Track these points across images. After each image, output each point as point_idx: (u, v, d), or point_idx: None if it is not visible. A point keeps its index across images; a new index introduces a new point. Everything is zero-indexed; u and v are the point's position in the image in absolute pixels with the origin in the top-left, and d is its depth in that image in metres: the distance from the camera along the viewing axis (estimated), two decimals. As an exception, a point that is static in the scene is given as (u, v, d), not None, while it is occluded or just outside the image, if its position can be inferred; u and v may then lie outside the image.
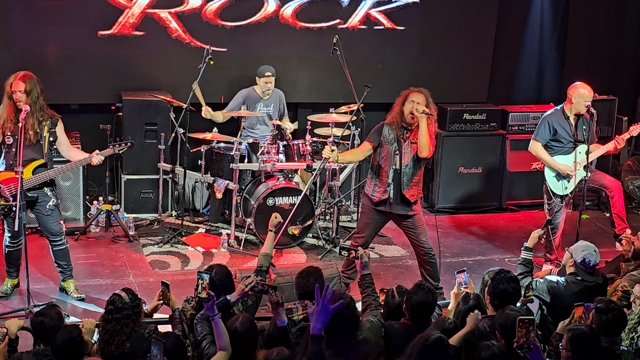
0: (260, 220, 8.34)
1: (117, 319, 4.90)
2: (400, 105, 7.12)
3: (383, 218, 7.27)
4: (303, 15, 9.77)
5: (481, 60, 10.65)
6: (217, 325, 4.71)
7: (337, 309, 4.43)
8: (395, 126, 7.08)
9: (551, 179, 8.05)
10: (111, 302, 4.95)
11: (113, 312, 4.91)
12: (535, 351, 4.43)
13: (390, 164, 7.02)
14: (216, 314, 4.73)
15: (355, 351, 4.56)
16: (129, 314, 4.92)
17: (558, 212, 8.03)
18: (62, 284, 7.29)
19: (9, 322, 5.13)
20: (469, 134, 9.89)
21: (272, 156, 8.50)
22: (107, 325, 4.91)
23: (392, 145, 7.05)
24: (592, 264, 5.87)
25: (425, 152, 6.94)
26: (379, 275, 7.85)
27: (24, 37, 8.93)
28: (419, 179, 7.16)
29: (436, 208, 9.89)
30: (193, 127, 8.85)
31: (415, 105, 6.99)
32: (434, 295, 5.13)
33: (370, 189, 7.17)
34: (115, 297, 4.97)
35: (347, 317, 4.59)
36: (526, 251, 6.20)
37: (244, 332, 4.65)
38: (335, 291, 4.81)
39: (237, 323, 4.68)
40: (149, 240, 8.55)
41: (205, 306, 4.77)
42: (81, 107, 9.48)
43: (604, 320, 4.92)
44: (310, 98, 9.98)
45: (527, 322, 4.41)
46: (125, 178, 9.13)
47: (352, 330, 4.61)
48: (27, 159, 6.79)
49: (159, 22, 9.35)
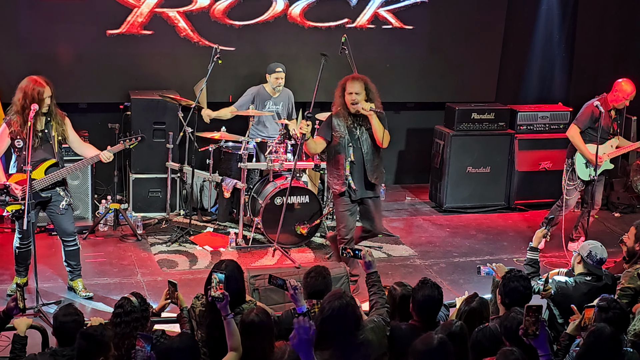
0: (268, 220, 8.34)
1: (127, 322, 4.88)
2: (340, 97, 7.17)
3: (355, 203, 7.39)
4: (311, 15, 9.77)
5: (489, 59, 10.64)
6: (229, 325, 4.68)
7: (336, 308, 4.43)
8: (343, 117, 7.16)
9: (580, 165, 8.42)
10: (120, 306, 4.94)
11: (122, 315, 4.90)
12: (541, 337, 4.43)
13: (346, 156, 7.14)
14: (229, 313, 4.71)
15: (355, 352, 4.54)
16: (138, 318, 4.91)
17: (573, 194, 8.50)
18: (70, 283, 7.31)
19: (18, 320, 5.12)
20: (477, 133, 9.87)
21: (280, 155, 8.50)
22: (117, 328, 4.89)
23: (344, 137, 7.13)
24: (598, 256, 5.89)
25: (386, 144, 7.15)
26: (387, 274, 7.85)
27: (32, 37, 8.96)
28: (380, 161, 7.31)
29: (444, 207, 9.89)
30: (201, 126, 8.86)
31: (355, 97, 7.06)
32: (439, 290, 5.12)
33: (331, 181, 7.30)
34: (125, 300, 4.96)
35: (347, 317, 4.56)
36: (532, 251, 6.17)
37: (260, 322, 4.62)
38: (335, 291, 4.82)
39: (253, 314, 4.65)
40: (157, 239, 8.56)
41: (219, 305, 4.74)
42: (90, 106, 9.50)
43: (604, 318, 4.89)
44: (319, 97, 9.94)
45: (534, 309, 4.42)
46: (134, 177, 9.14)
47: (352, 331, 4.58)
48: (38, 160, 6.80)
49: (167, 22, 9.36)
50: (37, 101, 6.66)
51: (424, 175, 10.57)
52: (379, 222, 7.50)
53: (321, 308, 4.60)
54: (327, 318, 4.51)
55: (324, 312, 4.54)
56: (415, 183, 10.90)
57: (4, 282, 7.38)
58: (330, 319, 4.49)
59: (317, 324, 4.47)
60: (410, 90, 10.55)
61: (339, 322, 4.52)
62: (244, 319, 4.67)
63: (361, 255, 5.34)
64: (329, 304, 4.55)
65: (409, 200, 10.39)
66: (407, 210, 10.03)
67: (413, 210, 10.02)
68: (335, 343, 4.51)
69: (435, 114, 10.40)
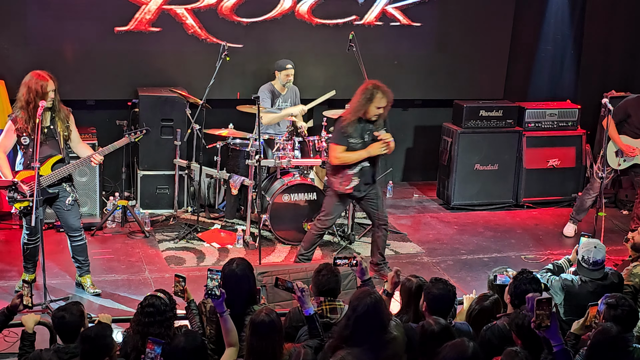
0: (275, 217, 8.35)
1: (160, 322, 4.67)
2: (365, 102, 7.17)
3: (349, 200, 7.65)
4: (319, 12, 9.77)
5: (498, 56, 10.62)
6: (226, 321, 4.70)
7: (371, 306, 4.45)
8: (357, 123, 7.23)
9: (611, 153, 8.76)
10: (151, 305, 4.69)
11: (155, 314, 4.67)
12: (553, 328, 4.42)
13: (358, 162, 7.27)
14: (225, 310, 4.71)
15: (385, 349, 4.54)
16: (171, 316, 4.76)
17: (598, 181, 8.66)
18: (78, 279, 7.32)
19: (26, 317, 5.13)
20: (485, 130, 9.85)
21: (287, 152, 8.50)
22: (148, 329, 4.65)
23: (357, 143, 7.23)
24: (591, 260, 5.80)
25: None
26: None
27: (40, 33, 8.97)
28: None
29: (452, 205, 9.88)
30: (209, 123, 8.87)
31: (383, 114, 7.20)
32: (452, 288, 5.12)
33: (334, 180, 7.39)
34: (155, 299, 4.73)
35: (379, 314, 4.55)
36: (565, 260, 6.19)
37: (271, 322, 4.57)
38: (364, 289, 4.80)
39: (263, 314, 4.61)
40: (164, 236, 8.57)
41: (215, 303, 4.74)
42: (97, 103, 9.51)
43: (613, 315, 4.86)
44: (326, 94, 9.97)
45: (544, 301, 4.40)
46: (141, 174, 9.15)
47: (381, 329, 4.56)
48: (45, 156, 6.80)
49: (175, 19, 9.36)
50: (40, 96, 6.65)
51: (431, 172, 10.56)
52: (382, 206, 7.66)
53: (353, 307, 4.57)
54: (360, 316, 4.49)
55: (357, 310, 4.52)
56: (422, 180, 10.89)
57: (12, 278, 7.40)
58: (364, 317, 4.48)
59: (350, 323, 4.49)
60: (418, 87, 10.54)
61: (371, 320, 4.51)
62: (253, 319, 4.62)
63: (357, 263, 5.35)
64: (361, 301, 4.53)
65: (417, 197, 10.38)
66: (414, 207, 10.02)
67: (421, 208, 10.01)
68: (367, 340, 4.50)
69: (443, 111, 10.39)
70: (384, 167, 9.28)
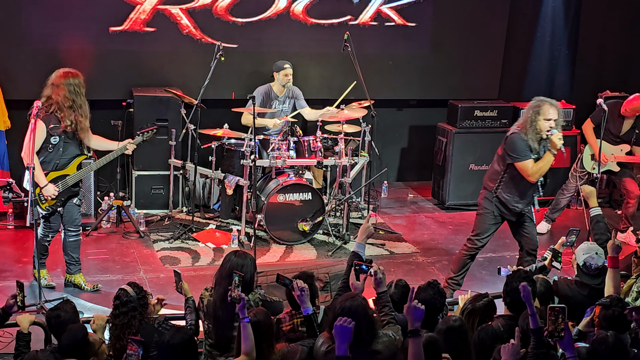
0: (270, 217, 8.36)
1: (124, 312, 4.98)
2: (534, 116, 6.91)
3: (502, 220, 7.20)
4: (314, 12, 9.77)
5: (492, 56, 10.64)
6: (245, 328, 4.59)
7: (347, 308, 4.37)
8: (532, 136, 6.94)
9: (587, 155, 8.94)
10: (117, 297, 5.04)
11: (120, 306, 5.00)
12: (567, 338, 4.36)
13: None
14: (246, 316, 4.61)
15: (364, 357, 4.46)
16: (135, 307, 5.00)
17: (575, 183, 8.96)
18: (69, 278, 7.30)
19: (21, 317, 5.14)
20: (479, 130, 9.87)
21: (282, 152, 8.50)
22: (116, 320, 5.00)
23: (538, 155, 6.97)
24: (593, 266, 5.72)
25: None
26: (390, 272, 7.82)
27: (35, 33, 8.96)
28: None
29: (447, 205, 9.89)
30: (204, 123, 8.86)
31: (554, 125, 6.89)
32: (442, 295, 5.10)
33: (509, 198, 7.01)
34: (121, 291, 5.05)
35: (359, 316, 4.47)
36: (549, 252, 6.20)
37: (258, 322, 4.60)
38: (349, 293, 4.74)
39: (252, 314, 4.65)
40: (159, 236, 8.57)
41: (237, 308, 4.66)
42: (92, 103, 9.43)
43: (605, 315, 4.84)
44: (322, 94, 9.97)
45: (557, 309, 4.29)
46: (136, 174, 9.15)
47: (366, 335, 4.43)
48: (72, 156, 6.96)
49: (170, 18, 9.36)
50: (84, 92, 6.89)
51: (426, 172, 10.57)
52: (535, 232, 7.25)
53: (332, 307, 4.53)
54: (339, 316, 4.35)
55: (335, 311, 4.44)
56: (417, 180, 10.90)
57: (6, 278, 7.39)
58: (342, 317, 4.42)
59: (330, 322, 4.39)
60: (413, 87, 10.56)
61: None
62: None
63: (372, 272, 4.86)
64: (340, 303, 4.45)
65: (412, 197, 10.39)
66: (409, 207, 10.03)
67: (415, 208, 10.02)
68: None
69: (438, 111, 10.40)
70: (379, 167, 9.31)
